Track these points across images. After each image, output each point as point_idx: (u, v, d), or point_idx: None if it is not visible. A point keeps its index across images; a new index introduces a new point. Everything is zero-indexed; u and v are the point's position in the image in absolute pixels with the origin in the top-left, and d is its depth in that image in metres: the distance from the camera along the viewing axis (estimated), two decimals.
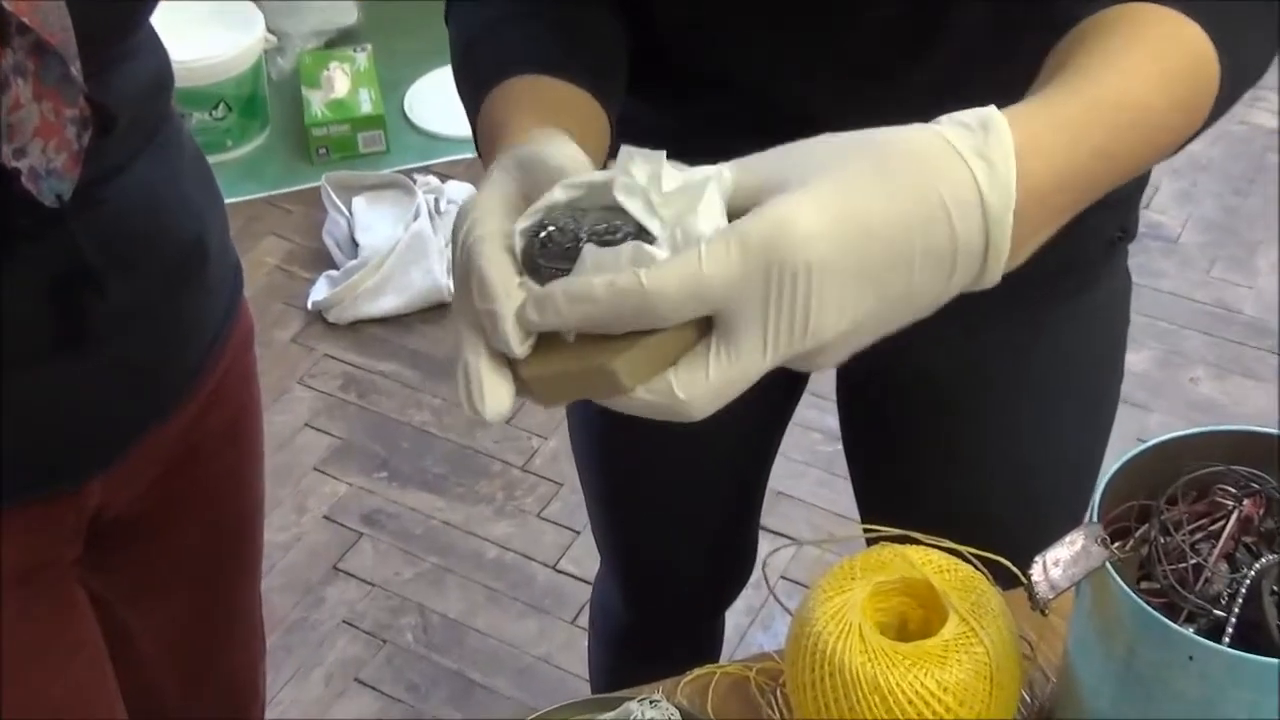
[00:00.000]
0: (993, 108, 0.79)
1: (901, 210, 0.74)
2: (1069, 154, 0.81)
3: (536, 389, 0.79)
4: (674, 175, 0.78)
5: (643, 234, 0.77)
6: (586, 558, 2.62)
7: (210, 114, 3.44)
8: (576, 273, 0.77)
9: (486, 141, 0.98)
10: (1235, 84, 0.92)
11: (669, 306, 0.74)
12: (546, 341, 0.79)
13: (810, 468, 2.76)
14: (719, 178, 0.77)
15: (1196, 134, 0.94)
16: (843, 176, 0.75)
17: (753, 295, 0.73)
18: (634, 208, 0.78)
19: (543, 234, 0.79)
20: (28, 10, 1.01)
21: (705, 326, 0.76)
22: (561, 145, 0.85)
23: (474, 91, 1.02)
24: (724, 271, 0.73)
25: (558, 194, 0.80)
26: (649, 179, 0.78)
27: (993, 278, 0.79)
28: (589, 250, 0.77)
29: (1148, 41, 0.88)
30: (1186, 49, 0.89)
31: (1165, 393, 2.90)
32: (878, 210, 0.74)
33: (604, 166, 0.95)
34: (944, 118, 0.79)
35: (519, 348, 0.78)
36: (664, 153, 0.78)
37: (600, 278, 0.75)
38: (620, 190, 0.79)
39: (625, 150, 0.79)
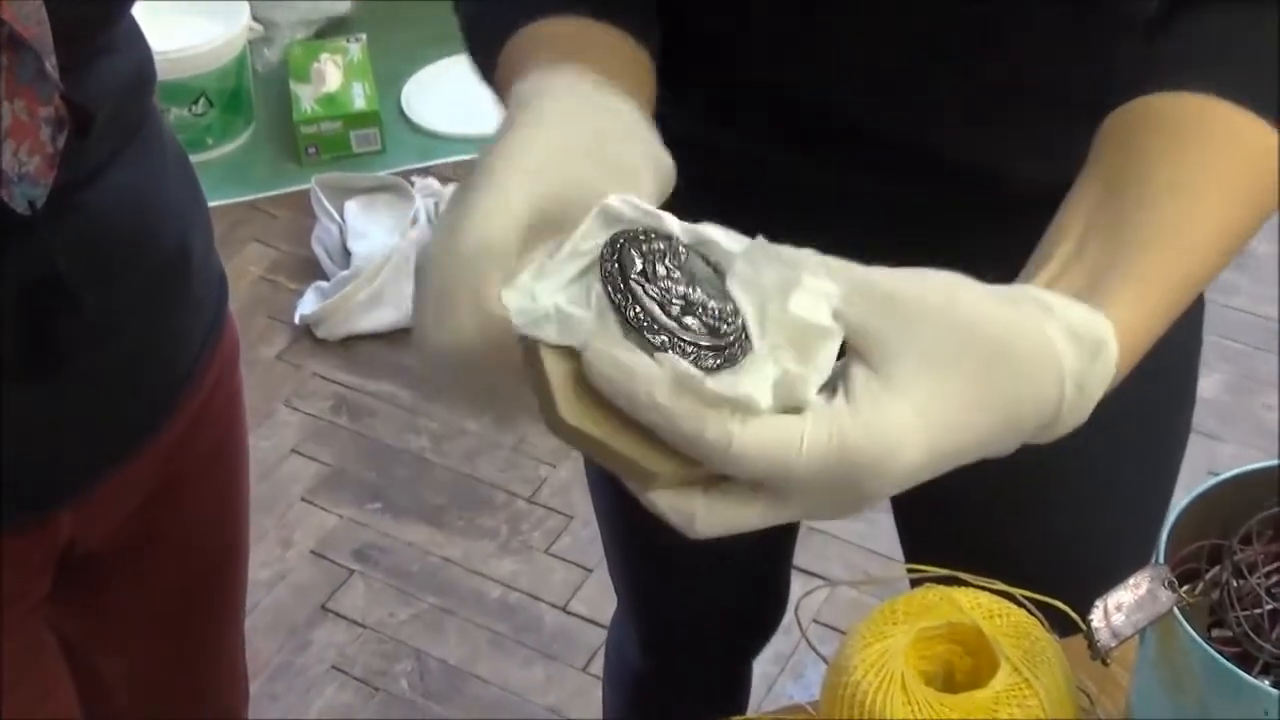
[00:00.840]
0: (1109, 325, 0.84)
1: (989, 434, 0.80)
2: (1149, 342, 0.90)
3: (561, 428, 0.76)
4: (802, 297, 0.77)
5: (741, 341, 0.76)
6: (600, 598, 2.62)
7: (190, 109, 3.45)
8: (666, 375, 0.73)
9: (499, 87, 0.97)
10: None
11: (745, 470, 0.75)
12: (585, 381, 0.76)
13: None
14: (838, 333, 0.77)
15: None
16: (951, 393, 0.78)
17: (823, 488, 0.76)
18: (749, 313, 0.77)
19: (645, 253, 0.77)
20: (2, 1, 1.02)
21: None
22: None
23: (489, 51, 1.01)
24: (815, 471, 0.75)
25: (649, 220, 0.79)
26: (776, 288, 0.77)
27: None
28: (695, 372, 0.73)
29: (1225, 172, 0.92)
30: (1259, 156, 0.92)
31: (1237, 421, 2.90)
32: (969, 438, 0.79)
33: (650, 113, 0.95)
34: (1060, 307, 0.82)
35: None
36: (809, 257, 0.78)
37: (691, 404, 0.73)
38: (739, 284, 0.77)
39: (762, 242, 0.79)
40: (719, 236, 0.79)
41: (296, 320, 3.17)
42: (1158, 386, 1.37)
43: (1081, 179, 0.93)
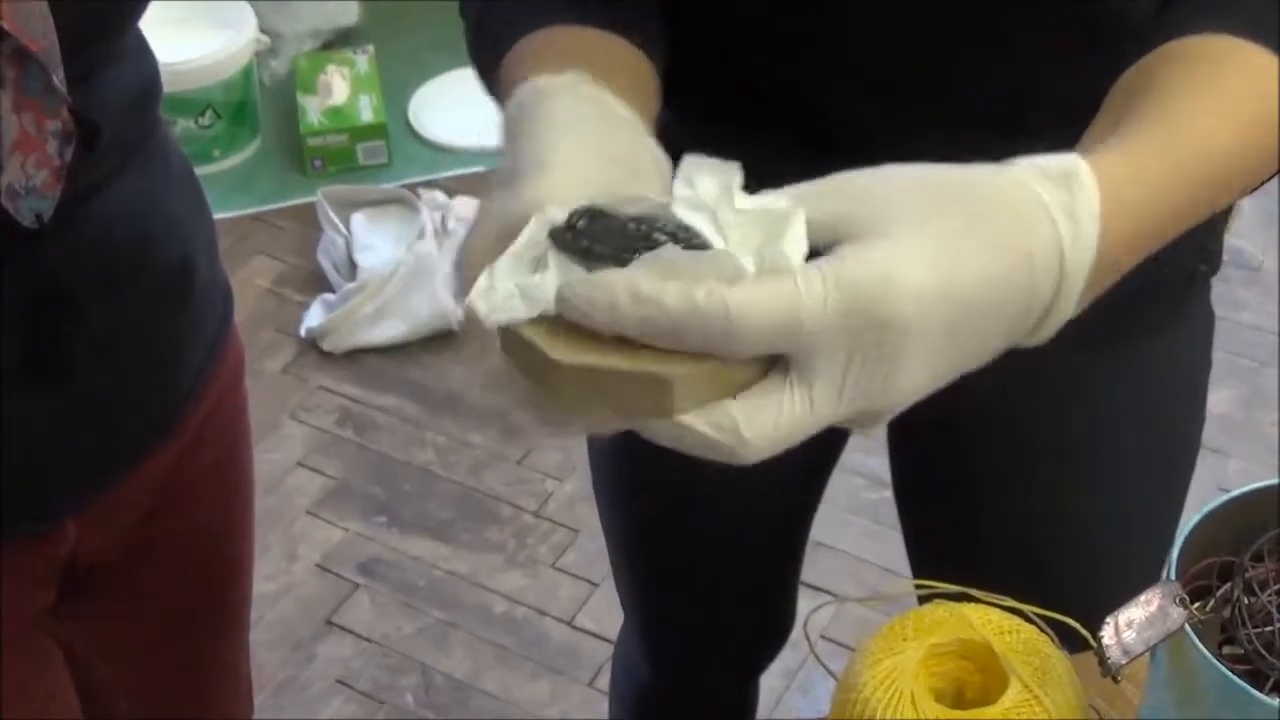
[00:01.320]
0: (1077, 158, 0.82)
1: (997, 273, 0.78)
2: (1149, 214, 0.86)
3: (564, 383, 0.74)
4: (747, 197, 0.77)
5: (707, 246, 0.75)
6: (606, 613, 2.61)
7: (196, 121, 3.46)
8: (643, 268, 0.73)
9: (498, 93, 0.97)
10: None
11: (751, 336, 0.74)
12: (571, 331, 0.75)
13: (855, 516, 2.75)
14: (799, 211, 0.77)
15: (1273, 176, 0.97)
16: (943, 231, 0.77)
17: (842, 342, 0.74)
18: (698, 224, 0.76)
19: (592, 211, 0.76)
20: (8, 14, 1.02)
21: (766, 365, 0.76)
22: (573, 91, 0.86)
23: (492, 57, 1.02)
24: (822, 311, 0.74)
25: (601, 200, 0.78)
26: (719, 194, 0.77)
27: (1045, 336, 0.83)
28: (669, 249, 0.74)
29: (1228, 84, 0.92)
30: (1267, 96, 0.92)
31: (1246, 437, 2.89)
32: (976, 272, 0.77)
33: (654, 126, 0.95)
34: (1024, 162, 0.82)
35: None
36: (736, 165, 0.79)
37: (675, 284, 0.73)
38: (682, 205, 0.77)
39: (690, 159, 0.79)
40: (658, 198, 0.79)
41: (302, 333, 3.17)
42: (1168, 404, 1.37)
43: (1093, 121, 0.94)
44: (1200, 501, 1.02)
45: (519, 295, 0.76)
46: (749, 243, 0.76)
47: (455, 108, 3.60)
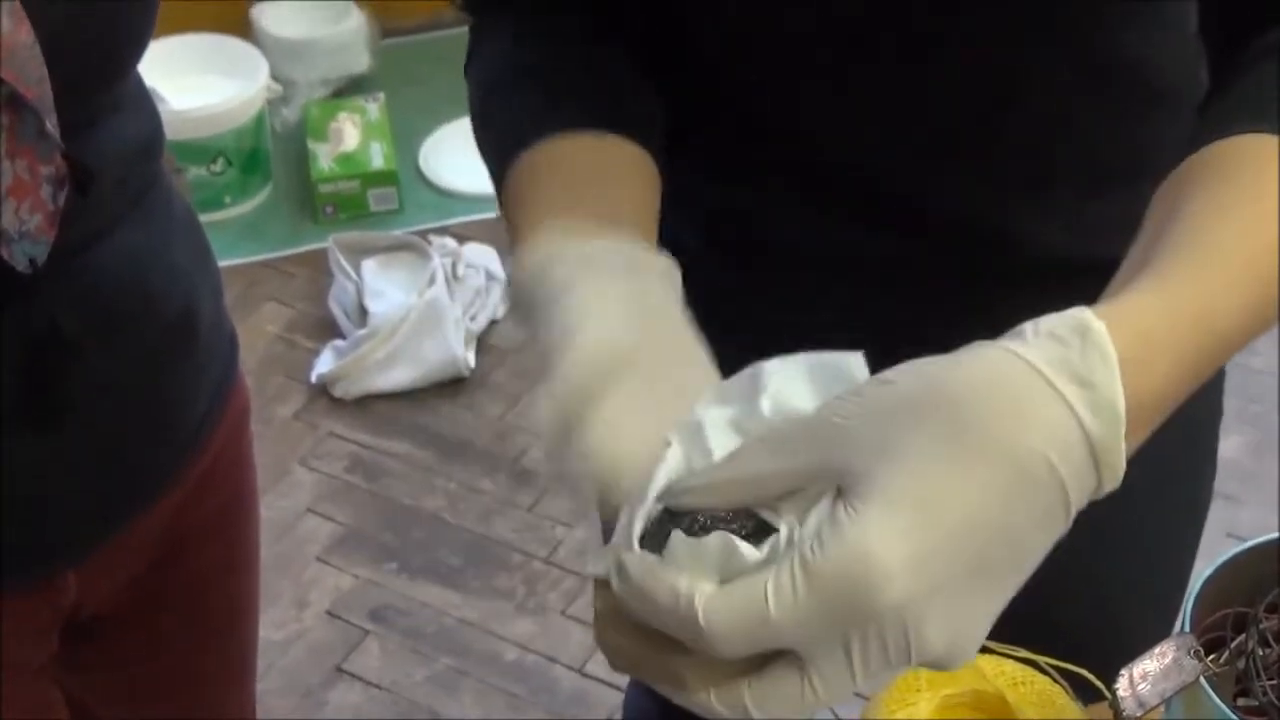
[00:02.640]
0: (1087, 311, 0.74)
1: (993, 490, 0.70)
2: (1188, 349, 0.78)
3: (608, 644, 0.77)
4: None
5: (766, 528, 0.73)
6: None
7: (208, 169, 3.46)
8: (664, 561, 0.72)
9: (512, 223, 0.97)
10: None
11: (729, 648, 0.70)
12: None
13: None
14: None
15: None
16: (918, 473, 0.69)
17: (831, 635, 0.69)
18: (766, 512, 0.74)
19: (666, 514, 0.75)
20: (2, 61, 1.02)
21: None
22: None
23: (498, 153, 1.03)
24: (793, 615, 0.69)
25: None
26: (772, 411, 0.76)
27: (1109, 489, 0.75)
28: (676, 539, 0.72)
29: (1261, 188, 0.85)
30: None
31: (1258, 484, 2.88)
32: (964, 505, 0.70)
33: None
34: (1028, 328, 0.74)
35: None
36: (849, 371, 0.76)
37: (664, 587, 0.71)
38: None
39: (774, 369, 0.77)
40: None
41: (313, 379, 3.17)
42: (1179, 454, 1.36)
43: (1131, 247, 0.87)
44: (1212, 548, 1.02)
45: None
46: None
47: (466, 154, 3.56)
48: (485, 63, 1.13)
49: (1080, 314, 0.73)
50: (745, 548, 0.71)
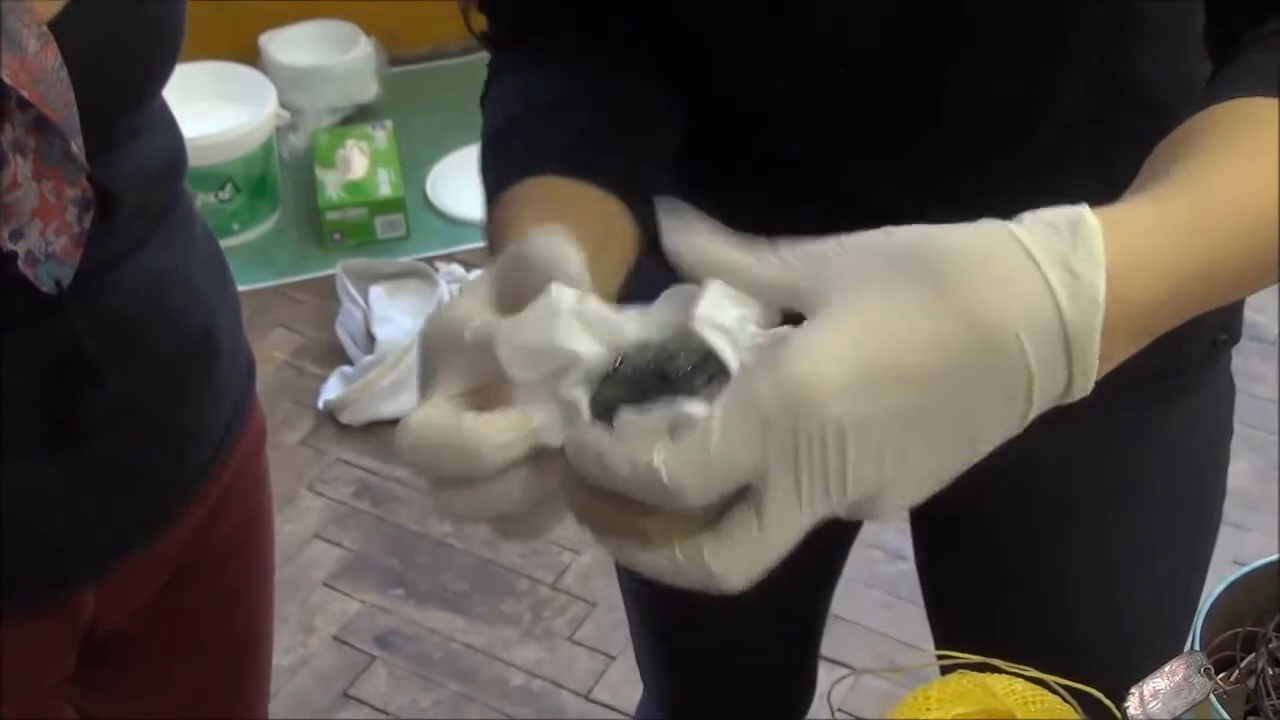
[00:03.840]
0: (1084, 206, 0.75)
1: (949, 346, 0.70)
2: (1174, 263, 0.78)
3: (575, 505, 0.77)
4: (759, 332, 0.76)
5: (723, 375, 0.74)
6: (623, 685, 2.60)
7: (216, 195, 3.47)
8: (617, 436, 0.74)
9: (489, 245, 1.00)
10: None
11: (692, 497, 0.71)
12: None
13: (871, 589, 2.74)
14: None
15: None
16: (874, 306, 0.71)
17: (779, 462, 0.70)
18: (720, 344, 0.75)
19: (616, 366, 0.77)
20: (28, 84, 1.03)
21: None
22: (554, 242, 0.82)
23: (494, 185, 1.05)
24: (743, 451, 0.70)
25: (631, 330, 0.78)
26: (737, 321, 0.76)
27: (1080, 393, 0.75)
28: (625, 418, 0.74)
29: (1259, 138, 0.86)
30: None
31: (1265, 510, 2.87)
32: (916, 349, 0.70)
33: (626, 276, 0.97)
34: (1028, 215, 0.75)
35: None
36: (756, 304, 0.76)
37: (622, 456, 0.72)
38: (703, 324, 0.76)
39: (716, 285, 0.78)
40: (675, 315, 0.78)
41: (320, 405, 3.18)
42: (1189, 473, 1.37)
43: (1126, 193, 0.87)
44: (1218, 574, 1.02)
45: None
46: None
47: (472, 182, 3.56)
48: (499, 95, 1.15)
49: (1078, 209, 0.74)
50: (692, 406, 0.72)
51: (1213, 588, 1.00)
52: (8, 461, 1.18)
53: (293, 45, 3.85)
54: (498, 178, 1.04)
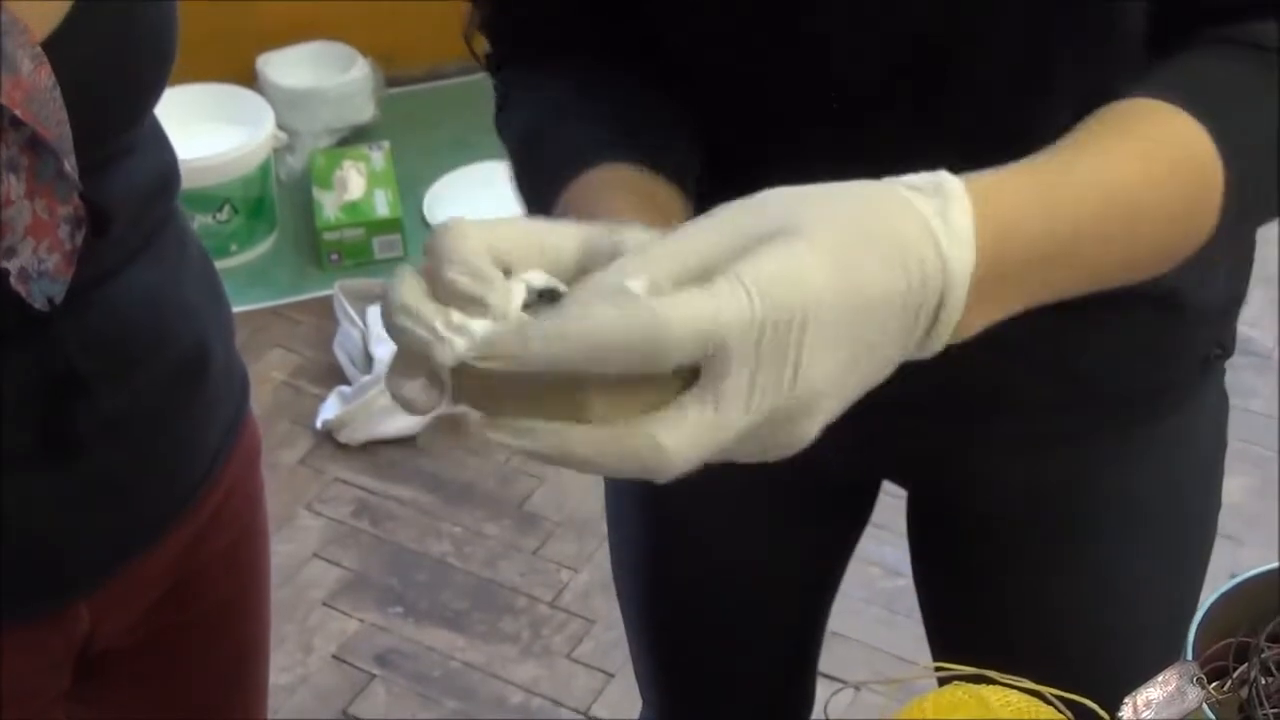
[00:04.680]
0: (944, 172, 0.84)
1: (889, 280, 0.79)
2: (1038, 224, 0.86)
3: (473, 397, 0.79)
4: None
5: None
6: (622, 702, 2.60)
7: (214, 217, 3.48)
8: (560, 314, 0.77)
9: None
10: (1248, 196, 0.95)
11: (675, 343, 0.75)
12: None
13: (869, 605, 2.74)
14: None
15: (1213, 247, 0.96)
16: (844, 239, 0.79)
17: (750, 342, 0.76)
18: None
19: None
20: (22, 103, 1.03)
21: (680, 388, 0.77)
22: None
23: (546, 187, 1.04)
24: (738, 314, 0.75)
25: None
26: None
27: (936, 345, 0.83)
28: (576, 290, 0.78)
29: (1141, 133, 0.92)
30: (1183, 147, 0.93)
31: (1260, 525, 2.88)
32: (870, 278, 0.78)
33: None
34: (896, 179, 0.84)
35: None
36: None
37: (606, 306, 0.75)
38: None
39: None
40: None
41: (318, 425, 3.18)
42: (1184, 486, 1.37)
43: None
44: (1214, 590, 1.02)
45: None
46: None
47: (469, 202, 3.61)
48: (522, 112, 1.15)
49: (938, 174, 0.84)
50: (634, 284, 0.76)
51: (1207, 597, 1.00)
52: (2, 475, 1.18)
53: (290, 67, 3.85)
54: (551, 176, 1.04)
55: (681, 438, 0.77)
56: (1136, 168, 0.91)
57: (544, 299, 0.80)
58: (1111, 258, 0.92)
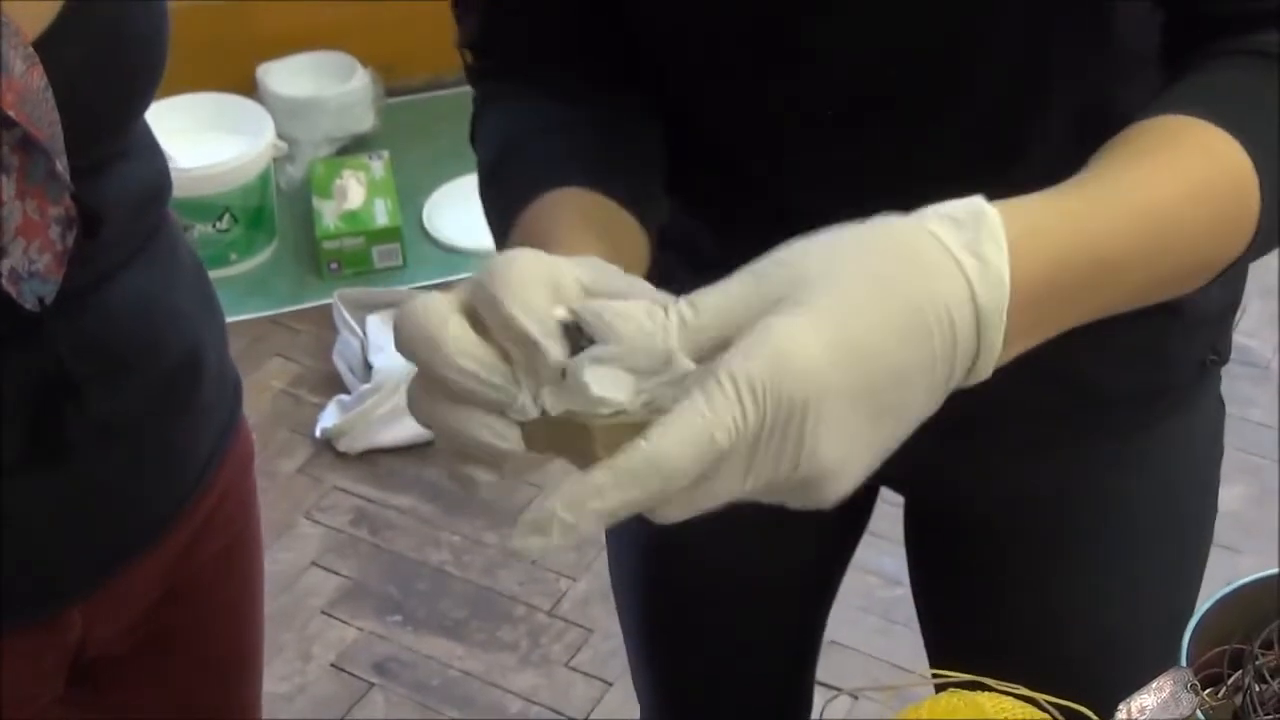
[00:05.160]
0: (981, 198, 0.82)
1: (898, 326, 0.77)
2: (1068, 252, 0.84)
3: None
4: None
5: None
6: (620, 710, 2.60)
7: (214, 225, 3.48)
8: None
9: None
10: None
11: (681, 474, 0.76)
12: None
13: (866, 614, 2.74)
14: None
15: (1242, 263, 0.96)
16: (838, 294, 0.77)
17: (746, 445, 0.76)
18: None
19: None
20: (14, 104, 1.03)
21: None
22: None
23: (507, 206, 1.04)
24: (734, 426, 0.75)
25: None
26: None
27: (982, 375, 0.82)
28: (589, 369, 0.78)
29: (1176, 150, 0.91)
30: (1221, 165, 0.92)
31: (1257, 533, 2.87)
32: (876, 329, 0.77)
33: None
34: (930, 210, 0.81)
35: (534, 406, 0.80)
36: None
37: (611, 466, 0.76)
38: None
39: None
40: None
41: (317, 434, 3.17)
42: (1180, 493, 1.37)
43: None
44: (1211, 596, 1.02)
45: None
46: None
47: (469, 211, 3.59)
48: (491, 125, 1.15)
49: (975, 201, 0.81)
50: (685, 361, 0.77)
51: (1202, 604, 1.00)
52: None
53: (290, 76, 3.85)
54: (514, 196, 1.04)
55: (675, 511, 0.79)
56: (1175, 186, 0.90)
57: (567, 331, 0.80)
58: (1153, 277, 0.91)
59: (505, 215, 1.04)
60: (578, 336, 0.79)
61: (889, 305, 0.77)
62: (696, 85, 1.15)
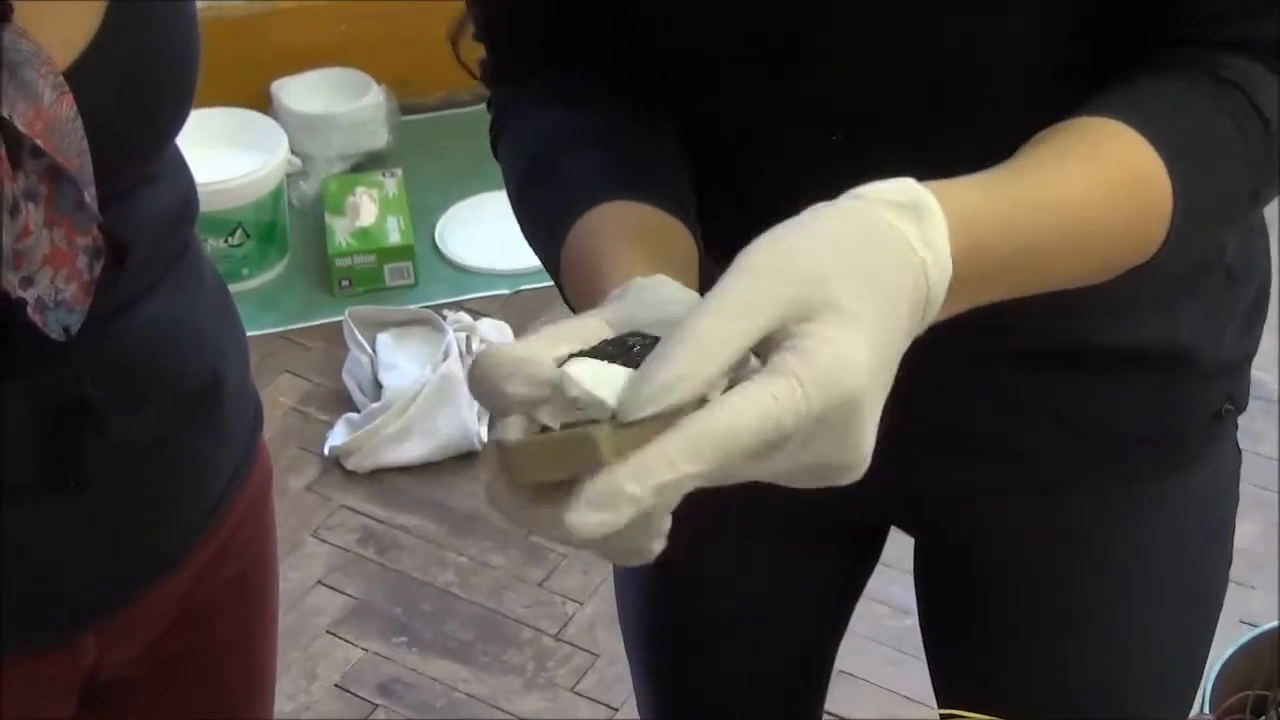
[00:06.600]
0: (915, 183, 0.88)
1: (906, 330, 0.84)
2: (1004, 244, 0.91)
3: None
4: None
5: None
6: None
7: (226, 241, 3.48)
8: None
9: (582, 275, 0.99)
10: (1196, 210, 0.98)
11: (746, 450, 0.77)
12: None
13: (876, 644, 2.73)
14: None
15: (1159, 260, 0.99)
16: (876, 301, 0.82)
17: (814, 431, 0.80)
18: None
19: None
20: (43, 133, 1.03)
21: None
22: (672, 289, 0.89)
23: (549, 228, 1.04)
24: (801, 419, 0.78)
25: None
26: None
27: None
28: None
29: (1096, 152, 0.97)
30: (1132, 164, 0.97)
31: (1269, 569, 2.86)
32: (897, 334, 0.83)
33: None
34: (875, 196, 0.86)
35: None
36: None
37: (681, 437, 0.77)
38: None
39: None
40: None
41: (326, 452, 3.17)
42: (1195, 542, 1.36)
43: None
44: (1224, 633, 1.02)
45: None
46: None
47: (481, 230, 3.61)
48: (515, 136, 1.15)
49: (916, 191, 0.87)
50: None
51: (1221, 650, 0.99)
52: (10, 505, 1.18)
53: (304, 93, 3.86)
54: (551, 221, 1.05)
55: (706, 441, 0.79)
56: (1091, 187, 0.95)
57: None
58: (1066, 268, 0.97)
59: (548, 237, 1.05)
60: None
61: (899, 310, 0.83)
62: (700, 96, 1.15)
